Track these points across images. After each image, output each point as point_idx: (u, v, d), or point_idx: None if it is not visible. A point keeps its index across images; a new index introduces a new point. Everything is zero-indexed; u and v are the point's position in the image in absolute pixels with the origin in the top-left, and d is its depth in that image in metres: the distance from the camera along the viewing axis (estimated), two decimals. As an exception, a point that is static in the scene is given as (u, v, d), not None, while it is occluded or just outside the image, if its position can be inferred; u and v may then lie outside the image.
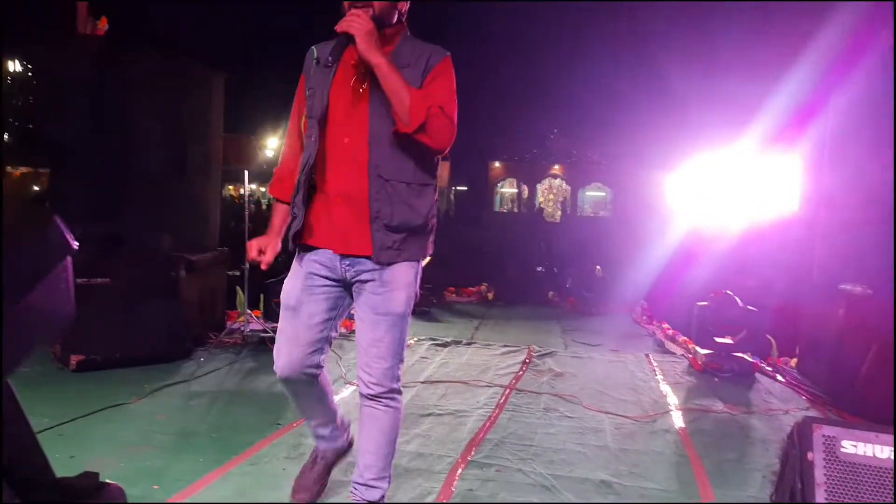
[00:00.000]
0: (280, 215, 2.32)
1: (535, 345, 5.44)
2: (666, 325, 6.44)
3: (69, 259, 1.17)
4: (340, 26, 2.07)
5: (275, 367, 2.25)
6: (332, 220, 2.18)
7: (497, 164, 35.68)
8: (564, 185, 34.95)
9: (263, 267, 2.26)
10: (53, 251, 1.14)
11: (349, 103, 2.15)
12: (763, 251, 6.39)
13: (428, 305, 7.21)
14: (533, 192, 34.96)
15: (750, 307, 5.04)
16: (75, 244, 1.16)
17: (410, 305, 2.22)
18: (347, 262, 2.18)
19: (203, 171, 5.55)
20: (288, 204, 2.28)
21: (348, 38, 2.07)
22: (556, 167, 34.82)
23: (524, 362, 4.86)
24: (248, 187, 5.74)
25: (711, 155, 7.74)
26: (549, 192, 34.86)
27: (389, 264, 2.15)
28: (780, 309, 5.50)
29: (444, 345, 5.36)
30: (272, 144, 13.29)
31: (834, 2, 4.17)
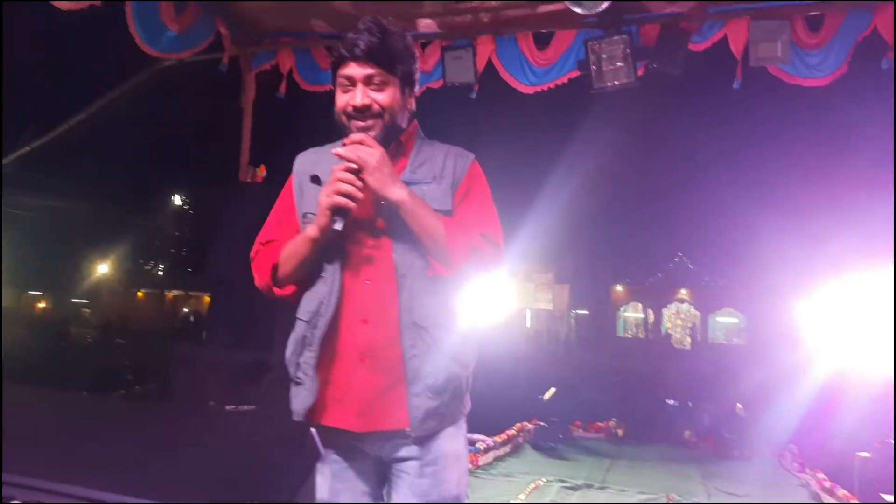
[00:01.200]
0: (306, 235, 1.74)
1: (674, 493, 5.08)
2: (822, 476, 5.84)
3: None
4: (344, 155, 1.67)
5: None
6: (351, 388, 1.70)
7: (619, 287, 35.02)
8: (693, 310, 33.55)
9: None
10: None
11: (366, 236, 1.73)
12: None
13: (554, 441, 6.97)
14: (659, 318, 33.76)
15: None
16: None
17: (466, 483, 1.79)
18: (376, 441, 1.72)
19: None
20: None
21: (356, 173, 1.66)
22: (684, 291, 33.63)
23: (663, 511, 4.55)
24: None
25: (851, 279, 7.25)
26: (677, 317, 33.53)
27: (432, 436, 1.71)
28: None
29: (575, 488, 5.11)
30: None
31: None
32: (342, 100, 1.75)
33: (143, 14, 4.47)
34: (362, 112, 1.72)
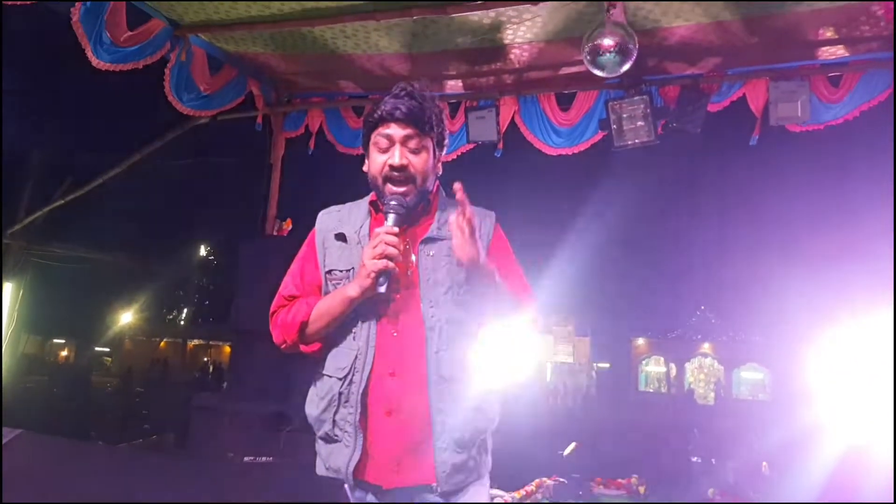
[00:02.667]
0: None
1: (699, 554, 4.95)
2: (851, 539, 5.66)
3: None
4: (373, 263, 1.67)
5: None
6: (379, 442, 1.70)
7: (641, 340, 34.61)
8: (716, 364, 33.00)
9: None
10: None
11: (395, 290, 1.75)
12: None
13: (574, 497, 6.84)
14: (682, 372, 33.22)
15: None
16: None
17: None
18: (403, 496, 1.72)
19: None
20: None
21: (383, 275, 1.68)
22: (706, 345, 33.15)
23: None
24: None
25: (877, 332, 7.12)
26: (700, 371, 32.98)
27: (458, 491, 1.71)
28: None
29: (597, 546, 5.01)
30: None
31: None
32: (379, 160, 1.81)
33: (177, 74, 4.65)
34: (400, 171, 1.77)
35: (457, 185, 1.67)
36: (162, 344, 31.77)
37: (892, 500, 4.63)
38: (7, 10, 3.82)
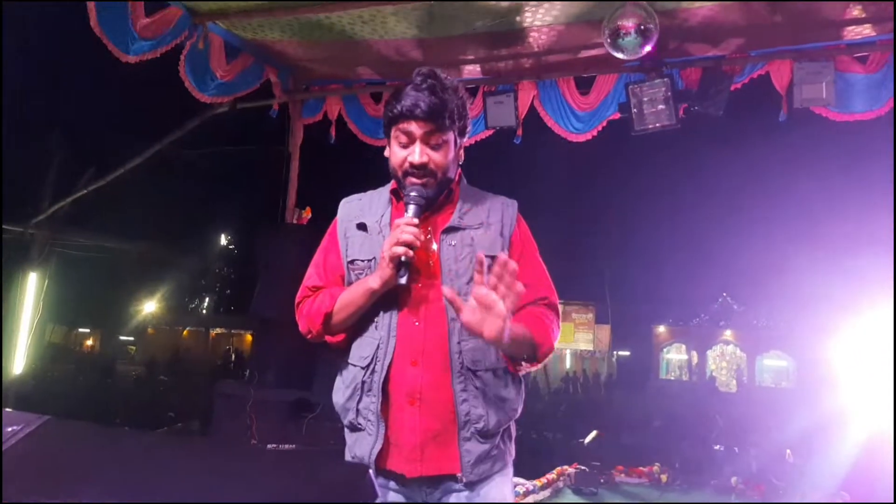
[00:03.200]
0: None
1: (722, 541, 4.92)
2: (877, 526, 5.60)
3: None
4: (391, 250, 1.66)
5: None
6: (403, 431, 1.70)
7: (662, 328, 34.41)
8: (739, 351, 32.73)
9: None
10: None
11: (417, 280, 1.75)
12: None
13: (595, 485, 6.83)
14: (703, 359, 33.00)
15: None
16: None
17: None
18: (426, 486, 1.72)
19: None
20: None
21: (403, 266, 1.67)
22: (729, 332, 32.88)
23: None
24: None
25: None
26: (722, 359, 32.74)
27: (482, 481, 1.70)
28: None
29: (619, 534, 5.00)
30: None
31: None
32: (399, 155, 1.79)
33: (193, 61, 4.66)
34: (420, 168, 1.76)
35: (479, 256, 1.58)
36: (185, 333, 32.17)
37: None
38: None
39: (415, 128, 1.75)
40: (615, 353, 32.71)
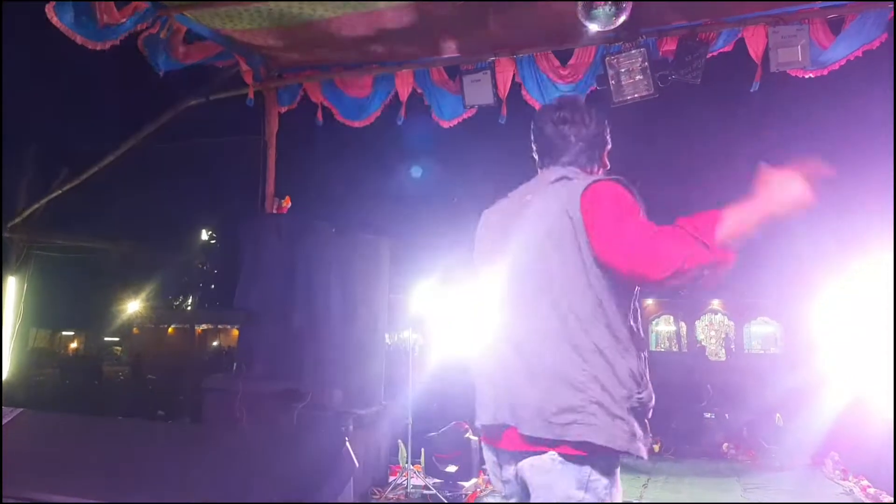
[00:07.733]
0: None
1: (717, 506, 4.97)
2: (865, 482, 5.67)
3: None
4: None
5: None
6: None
7: (650, 300, 34.58)
8: (727, 320, 32.99)
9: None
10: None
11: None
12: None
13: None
14: (692, 330, 33.26)
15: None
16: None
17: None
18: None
19: (370, 329, 5.84)
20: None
21: None
22: (716, 302, 33.11)
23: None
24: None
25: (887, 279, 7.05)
26: (710, 328, 32.99)
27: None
28: None
29: (614, 505, 5.02)
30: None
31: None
32: None
33: (153, 45, 4.61)
34: None
35: None
36: (170, 331, 31.87)
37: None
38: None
39: None
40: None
